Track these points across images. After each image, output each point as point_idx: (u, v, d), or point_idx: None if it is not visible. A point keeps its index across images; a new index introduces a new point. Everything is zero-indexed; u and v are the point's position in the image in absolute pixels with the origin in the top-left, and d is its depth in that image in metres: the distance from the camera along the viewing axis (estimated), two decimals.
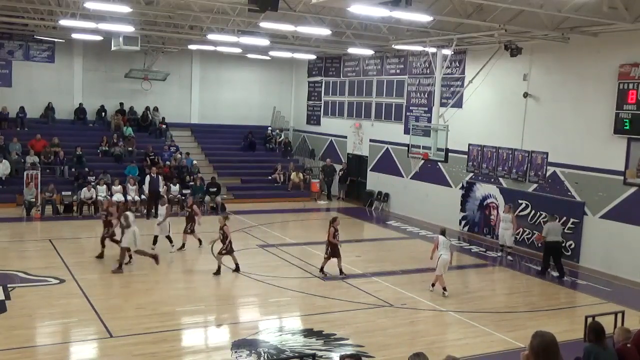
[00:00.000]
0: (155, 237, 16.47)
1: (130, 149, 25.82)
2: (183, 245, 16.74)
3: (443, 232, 14.00)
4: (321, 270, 14.75)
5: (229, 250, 14.57)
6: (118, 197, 22.04)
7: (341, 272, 14.70)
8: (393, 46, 20.82)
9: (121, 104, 27.77)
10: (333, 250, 14.58)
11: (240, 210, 23.20)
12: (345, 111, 27.48)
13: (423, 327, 11.98)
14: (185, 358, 9.99)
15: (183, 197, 23.20)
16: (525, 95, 18.45)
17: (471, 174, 20.64)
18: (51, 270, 14.26)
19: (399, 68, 24.08)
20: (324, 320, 11.74)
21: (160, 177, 22.25)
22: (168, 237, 16.52)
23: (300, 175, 26.94)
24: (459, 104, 20.37)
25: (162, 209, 16.79)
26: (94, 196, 21.36)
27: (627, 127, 15.47)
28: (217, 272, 14.49)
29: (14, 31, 24.96)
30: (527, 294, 14.23)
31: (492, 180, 19.80)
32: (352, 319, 11.92)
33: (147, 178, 21.83)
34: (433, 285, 13.86)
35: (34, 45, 26.09)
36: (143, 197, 22.13)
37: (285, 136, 30.56)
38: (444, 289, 13.58)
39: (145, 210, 21.74)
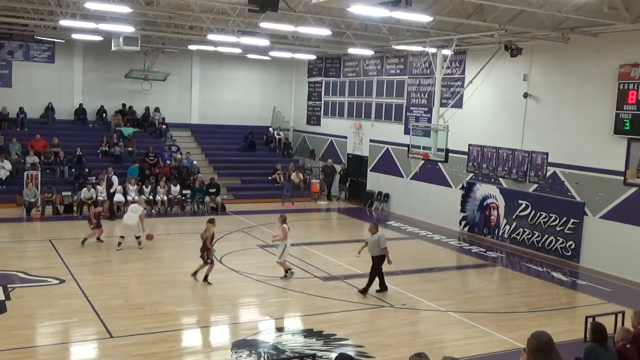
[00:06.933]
0: None
1: (130, 149, 25.82)
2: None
3: None
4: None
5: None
6: (118, 197, 22.07)
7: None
8: (393, 46, 20.81)
9: (124, 105, 27.85)
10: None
11: (240, 210, 23.21)
12: (345, 111, 27.47)
13: (423, 327, 11.96)
14: (185, 358, 9.99)
15: (183, 198, 23.26)
16: (526, 95, 18.44)
17: (471, 174, 20.63)
18: (51, 271, 14.25)
19: (399, 68, 24.08)
20: (324, 320, 11.73)
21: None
22: None
23: (300, 175, 26.93)
24: (459, 104, 20.36)
25: None
26: (94, 196, 21.37)
27: (627, 128, 15.47)
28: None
29: (14, 31, 24.95)
30: (527, 294, 14.23)
31: (492, 180, 19.79)
32: (352, 319, 11.91)
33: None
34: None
35: (34, 45, 26.08)
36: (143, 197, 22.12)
37: (285, 136, 30.57)
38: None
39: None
